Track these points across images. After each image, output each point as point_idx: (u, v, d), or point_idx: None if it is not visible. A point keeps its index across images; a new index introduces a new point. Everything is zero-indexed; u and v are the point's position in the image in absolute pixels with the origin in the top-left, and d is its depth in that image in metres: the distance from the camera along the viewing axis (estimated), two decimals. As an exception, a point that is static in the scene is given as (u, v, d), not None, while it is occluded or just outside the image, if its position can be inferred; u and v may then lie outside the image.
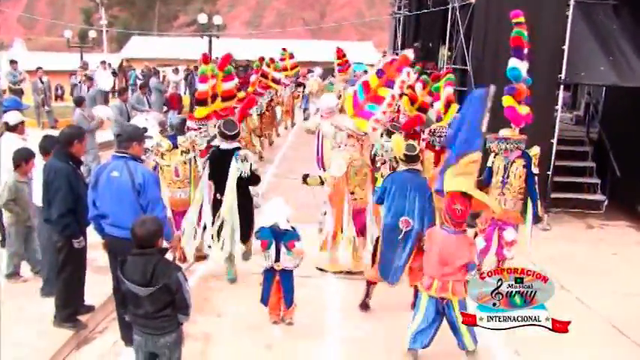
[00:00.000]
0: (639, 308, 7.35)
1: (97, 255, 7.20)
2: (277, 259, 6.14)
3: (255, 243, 6.32)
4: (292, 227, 6.19)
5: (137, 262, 4.31)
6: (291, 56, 20.24)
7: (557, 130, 10.53)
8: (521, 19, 8.01)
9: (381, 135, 8.54)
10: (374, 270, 6.68)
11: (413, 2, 19.66)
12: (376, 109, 7.47)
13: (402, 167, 6.73)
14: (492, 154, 7.73)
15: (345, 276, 7.83)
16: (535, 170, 7.66)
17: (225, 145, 7.43)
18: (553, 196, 10.82)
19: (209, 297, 7.13)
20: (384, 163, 8.01)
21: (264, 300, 6.35)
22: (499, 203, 7.46)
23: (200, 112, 8.98)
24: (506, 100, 7.71)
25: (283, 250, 6.11)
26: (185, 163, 8.04)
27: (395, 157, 7.15)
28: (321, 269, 7.92)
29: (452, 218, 5.44)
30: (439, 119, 9.09)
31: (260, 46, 32.73)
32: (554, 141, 10.51)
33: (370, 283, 6.86)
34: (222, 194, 7.27)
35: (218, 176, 7.33)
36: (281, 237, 6.10)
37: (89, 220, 5.66)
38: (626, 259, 9.35)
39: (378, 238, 6.79)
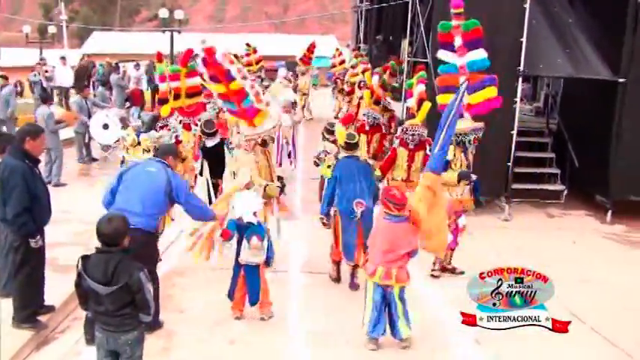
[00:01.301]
0: (597, 295, 7.54)
1: (57, 254, 7.14)
2: (238, 252, 6.17)
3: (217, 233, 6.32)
4: (258, 222, 6.20)
5: (100, 260, 4.26)
6: (255, 51, 20.16)
7: (516, 122, 10.69)
8: (461, 10, 8.03)
9: (323, 136, 9.55)
10: (338, 250, 7.29)
11: (375, -5, 19.74)
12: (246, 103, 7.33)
13: (343, 154, 7.38)
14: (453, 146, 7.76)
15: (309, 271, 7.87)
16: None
17: (209, 143, 8.60)
18: (514, 186, 10.99)
19: (172, 294, 7.08)
20: (327, 153, 8.95)
21: (230, 294, 6.37)
22: (458, 194, 7.63)
23: (165, 110, 8.98)
24: (492, 91, 7.77)
25: (245, 243, 6.10)
26: None
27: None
28: None
29: (393, 202, 5.59)
30: (411, 116, 9.12)
31: (223, 40, 32.43)
32: (514, 132, 10.67)
33: (335, 262, 7.49)
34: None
35: (216, 169, 8.36)
36: (245, 230, 6.10)
37: (104, 206, 5.74)
38: (585, 246, 9.58)
39: (337, 222, 7.17)
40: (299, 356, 5.86)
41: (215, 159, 8.54)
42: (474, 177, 7.68)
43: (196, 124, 9.92)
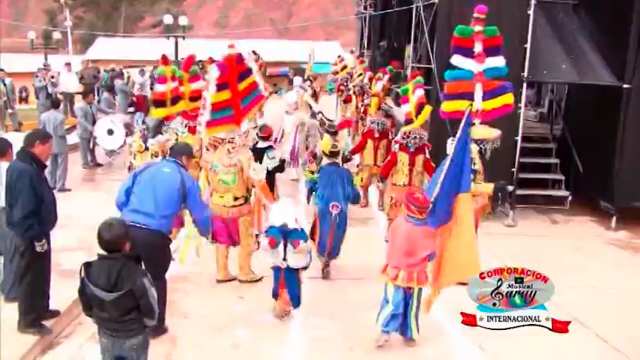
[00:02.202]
0: (600, 300, 7.52)
1: (62, 259, 7.16)
2: (284, 258, 6.37)
3: (263, 240, 6.53)
4: (301, 228, 6.45)
5: (102, 266, 4.26)
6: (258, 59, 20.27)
7: (521, 128, 10.69)
8: (484, 16, 8.00)
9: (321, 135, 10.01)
10: (314, 245, 7.58)
11: (378, 2, 19.74)
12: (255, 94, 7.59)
13: (325, 161, 8.17)
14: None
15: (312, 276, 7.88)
16: None
17: (260, 144, 9.02)
18: (518, 192, 10.97)
19: (176, 299, 7.07)
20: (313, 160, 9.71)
21: (274, 294, 6.64)
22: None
23: (159, 112, 9.00)
24: (510, 98, 7.72)
25: (290, 248, 6.32)
26: None
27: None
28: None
29: (415, 206, 5.79)
30: (409, 122, 9.14)
31: (227, 46, 32.48)
32: (519, 138, 10.66)
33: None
34: None
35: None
36: (288, 236, 6.31)
37: (117, 207, 5.79)
38: (589, 252, 9.56)
39: (316, 220, 7.85)
40: (302, 361, 5.86)
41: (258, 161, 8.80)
42: (510, 188, 7.80)
43: (201, 126, 9.98)
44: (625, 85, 10.45)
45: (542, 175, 12.26)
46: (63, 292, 6.34)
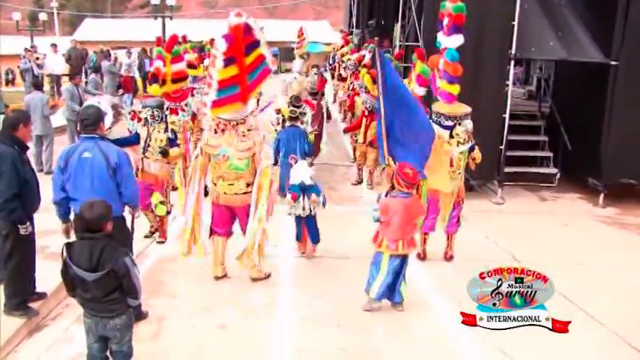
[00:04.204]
0: (587, 277, 7.57)
1: (49, 242, 7.12)
2: (304, 207, 7.56)
3: (287, 196, 7.62)
4: (315, 183, 7.63)
5: (84, 247, 4.25)
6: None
7: (509, 105, 10.68)
8: None
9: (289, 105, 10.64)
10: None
11: (367, -20, 19.64)
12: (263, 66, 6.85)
13: (288, 123, 10.27)
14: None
15: (299, 255, 7.91)
16: None
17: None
18: (506, 170, 11.01)
19: (164, 280, 7.09)
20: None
21: (298, 237, 7.93)
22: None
23: (155, 90, 8.96)
24: (456, 89, 7.80)
25: (306, 200, 7.53)
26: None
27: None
28: None
29: (405, 181, 6.17)
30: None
31: (216, 26, 32.26)
32: (507, 116, 10.66)
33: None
34: None
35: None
36: (306, 191, 7.54)
37: (54, 203, 5.60)
38: (576, 229, 9.62)
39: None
40: (289, 341, 5.86)
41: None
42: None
43: (183, 110, 9.98)
44: (612, 62, 10.44)
45: (531, 153, 12.31)
46: (50, 274, 6.27)
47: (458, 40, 7.88)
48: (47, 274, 6.29)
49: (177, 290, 6.83)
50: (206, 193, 7.33)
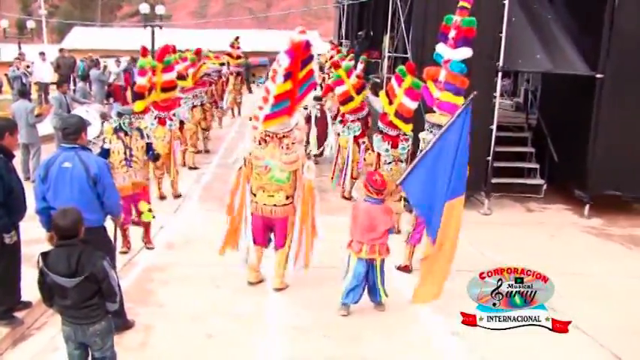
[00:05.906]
0: (574, 287, 7.59)
1: (35, 250, 7.04)
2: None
3: None
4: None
5: (60, 254, 4.28)
6: (238, 47, 20.25)
7: (496, 117, 10.75)
8: (469, 5, 8.08)
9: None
10: None
11: (357, -9, 19.72)
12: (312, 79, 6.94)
13: None
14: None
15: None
16: None
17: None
18: (494, 181, 11.06)
19: (152, 288, 7.06)
20: None
21: None
22: None
23: (139, 105, 8.93)
24: (460, 100, 7.82)
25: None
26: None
27: None
28: None
29: (373, 187, 6.43)
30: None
31: (205, 36, 32.31)
32: (494, 127, 10.73)
33: None
34: None
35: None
36: None
37: (37, 212, 5.55)
38: (562, 240, 9.68)
39: None
40: (276, 350, 5.86)
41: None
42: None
43: (171, 119, 9.99)
44: (598, 75, 10.55)
45: (518, 164, 12.36)
46: (35, 283, 6.21)
47: (467, 52, 7.91)
48: (32, 283, 6.14)
49: (166, 299, 6.80)
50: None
